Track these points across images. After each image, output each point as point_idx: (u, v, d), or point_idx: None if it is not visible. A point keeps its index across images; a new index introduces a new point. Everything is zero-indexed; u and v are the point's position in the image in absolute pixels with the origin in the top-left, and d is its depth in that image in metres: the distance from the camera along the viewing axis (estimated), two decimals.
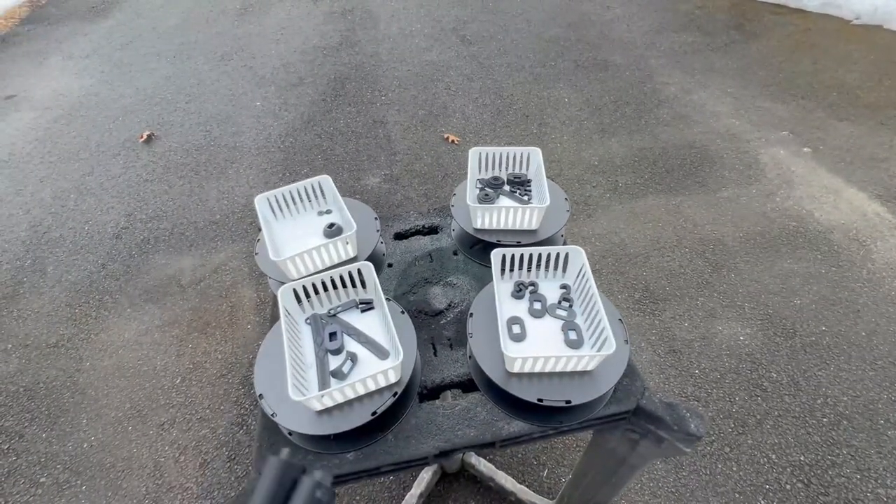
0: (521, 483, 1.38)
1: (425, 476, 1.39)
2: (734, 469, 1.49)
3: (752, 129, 2.84)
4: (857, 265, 2.08)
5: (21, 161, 2.89)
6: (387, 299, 0.71)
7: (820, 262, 2.10)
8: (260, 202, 0.80)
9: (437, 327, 0.76)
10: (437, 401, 0.67)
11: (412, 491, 1.36)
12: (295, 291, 0.66)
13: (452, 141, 2.87)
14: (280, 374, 0.57)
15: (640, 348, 1.83)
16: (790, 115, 2.93)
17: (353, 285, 0.70)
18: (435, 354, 0.72)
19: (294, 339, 0.61)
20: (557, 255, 0.70)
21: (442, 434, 0.62)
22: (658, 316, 1.94)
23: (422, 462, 0.61)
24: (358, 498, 1.47)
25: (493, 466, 1.40)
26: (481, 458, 1.43)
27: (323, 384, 0.59)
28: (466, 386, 0.70)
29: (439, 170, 2.69)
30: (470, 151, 0.90)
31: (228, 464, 1.57)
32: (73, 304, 2.08)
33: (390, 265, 0.87)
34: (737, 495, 1.44)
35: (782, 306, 1.94)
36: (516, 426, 0.63)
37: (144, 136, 2.96)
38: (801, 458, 1.51)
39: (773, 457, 1.52)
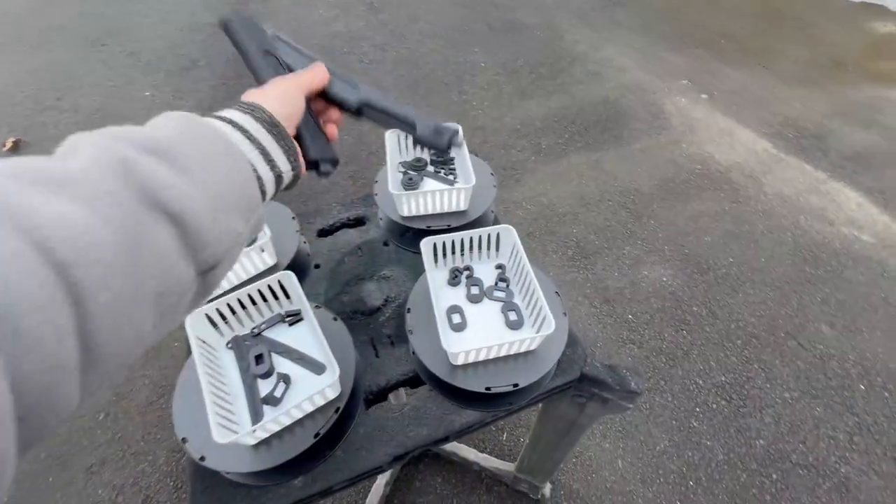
0: (482, 452, 1.42)
1: None
2: (669, 399, 1.65)
3: (656, 81, 3.00)
4: (753, 199, 2.31)
5: None
6: (316, 307, 0.66)
7: (723, 200, 2.31)
8: None
9: (375, 326, 0.73)
10: (385, 403, 0.65)
11: (378, 481, 1.36)
12: (208, 316, 0.59)
13: None
14: (204, 411, 0.50)
15: (578, 303, 1.92)
16: (688, 64, 3.13)
17: (276, 297, 0.63)
18: (377, 356, 0.69)
19: (214, 370, 0.55)
20: (489, 236, 0.69)
21: (393, 439, 0.60)
22: (591, 270, 2.04)
23: (376, 471, 0.59)
24: None
25: (454, 441, 1.43)
26: None
27: (255, 413, 0.54)
28: (414, 381, 0.68)
29: (363, 148, 2.57)
30: (386, 135, 0.84)
31: (175, 493, 1.46)
32: None
33: (317, 266, 0.81)
34: (673, 422, 1.59)
35: (695, 245, 2.12)
36: (468, 416, 0.62)
37: (9, 144, 2.53)
38: (723, 379, 1.69)
39: (700, 382, 1.69)
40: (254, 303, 0.62)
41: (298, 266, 0.73)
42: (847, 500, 1.43)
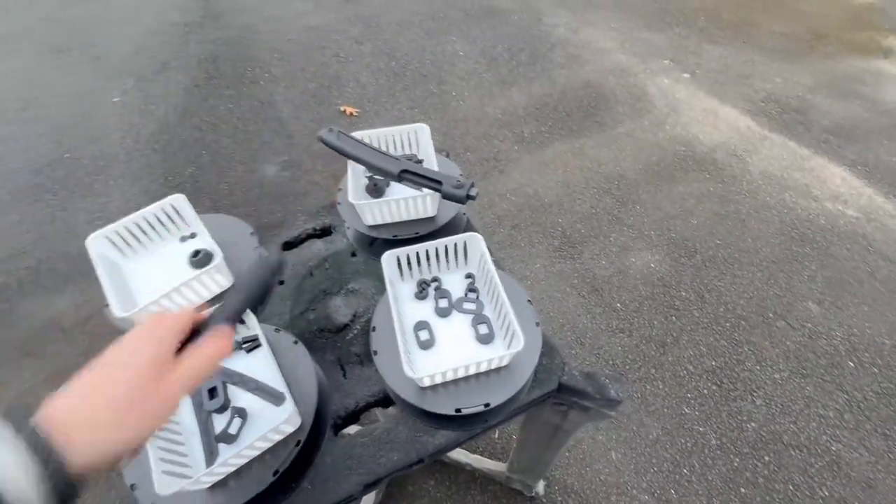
0: (474, 452, 1.40)
1: None
2: (660, 387, 1.64)
3: (637, 62, 2.95)
4: (738, 179, 2.29)
5: None
6: (276, 329, 0.62)
7: (708, 181, 2.29)
8: (95, 244, 0.65)
9: (343, 344, 0.69)
10: (354, 426, 0.62)
11: None
12: None
13: (350, 113, 2.68)
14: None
15: (566, 293, 1.90)
16: (668, 43, 3.08)
17: None
18: (345, 376, 0.66)
19: None
20: (455, 245, 0.65)
21: (363, 466, 0.57)
22: (577, 259, 2.01)
23: (347, 501, 0.56)
24: None
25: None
26: None
27: (210, 453, 0.50)
28: (385, 402, 0.64)
29: None
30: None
31: None
32: None
33: (282, 282, 0.78)
34: (665, 410, 1.58)
35: (682, 228, 2.10)
36: (441, 437, 0.59)
37: None
38: (713, 363, 1.69)
39: (691, 367, 1.68)
40: None
41: None
42: (839, 478, 1.43)
